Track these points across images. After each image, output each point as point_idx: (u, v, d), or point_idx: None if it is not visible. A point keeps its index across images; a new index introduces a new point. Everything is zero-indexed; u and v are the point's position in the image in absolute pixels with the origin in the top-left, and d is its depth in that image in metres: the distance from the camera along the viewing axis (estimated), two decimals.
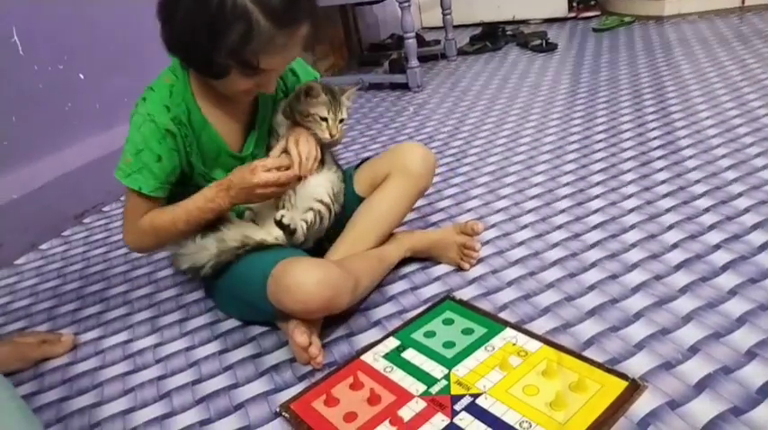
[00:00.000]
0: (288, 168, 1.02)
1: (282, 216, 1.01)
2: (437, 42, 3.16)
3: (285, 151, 1.06)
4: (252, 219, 1.11)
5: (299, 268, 0.94)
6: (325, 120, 1.08)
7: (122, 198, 1.87)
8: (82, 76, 1.79)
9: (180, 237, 1.05)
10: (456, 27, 3.16)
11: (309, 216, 1.07)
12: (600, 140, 1.73)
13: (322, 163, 1.13)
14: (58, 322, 1.25)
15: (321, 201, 1.09)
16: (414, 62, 2.52)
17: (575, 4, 3.41)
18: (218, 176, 1.06)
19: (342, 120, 1.10)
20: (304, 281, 0.92)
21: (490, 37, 3.10)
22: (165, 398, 0.98)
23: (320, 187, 1.11)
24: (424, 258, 1.23)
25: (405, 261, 1.21)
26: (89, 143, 1.80)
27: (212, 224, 1.05)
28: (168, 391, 0.99)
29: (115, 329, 1.19)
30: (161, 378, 1.02)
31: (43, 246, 1.64)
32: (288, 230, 1.02)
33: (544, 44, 2.88)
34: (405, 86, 2.61)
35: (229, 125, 1.07)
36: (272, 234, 1.05)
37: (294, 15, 0.89)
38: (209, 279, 1.09)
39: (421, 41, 3.00)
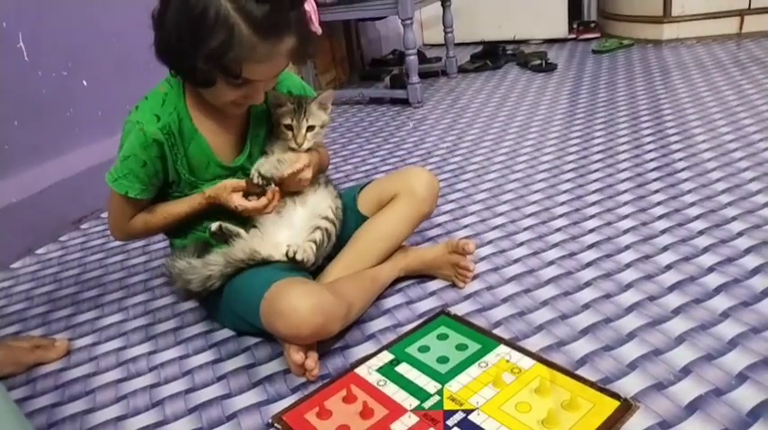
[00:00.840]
0: (262, 194, 1.04)
1: (295, 252, 1.02)
2: (438, 59, 3.19)
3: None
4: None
5: (293, 294, 0.94)
6: (289, 128, 1.08)
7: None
8: (85, 83, 1.80)
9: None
10: (457, 45, 3.19)
11: (317, 236, 1.08)
12: (597, 161, 1.74)
13: (316, 180, 1.14)
14: (53, 327, 1.25)
15: (326, 218, 1.10)
16: (414, 78, 2.55)
17: (575, 26, 3.45)
18: (206, 186, 1.07)
19: (311, 128, 1.08)
20: (297, 307, 0.93)
21: (491, 55, 3.13)
22: (157, 406, 0.97)
23: (322, 203, 1.12)
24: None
25: (400, 277, 1.22)
26: (90, 149, 1.80)
27: (223, 240, 1.07)
28: (161, 400, 0.99)
29: (109, 336, 1.19)
30: (154, 386, 1.02)
31: (40, 251, 1.64)
32: (299, 262, 1.03)
33: (544, 64, 2.91)
34: (405, 102, 2.63)
35: (221, 136, 1.08)
36: (278, 250, 1.05)
37: (277, 26, 0.91)
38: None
39: (422, 58, 3.03)
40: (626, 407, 0.83)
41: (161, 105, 1.01)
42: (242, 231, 1.08)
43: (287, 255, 1.03)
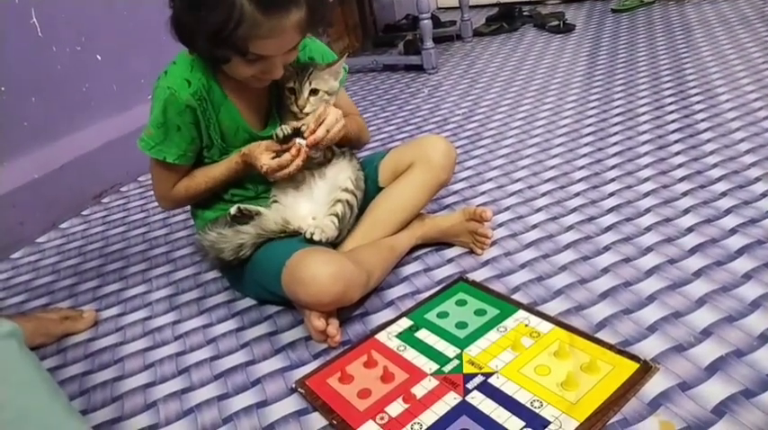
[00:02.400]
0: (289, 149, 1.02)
1: (312, 233, 1.03)
2: (452, 23, 3.13)
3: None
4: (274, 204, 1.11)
5: (314, 262, 0.95)
6: (292, 91, 1.06)
7: (140, 179, 1.90)
8: (99, 58, 1.81)
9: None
10: (472, 8, 3.12)
11: (339, 209, 1.08)
12: (616, 123, 1.71)
13: (332, 152, 1.13)
14: (80, 299, 1.29)
15: (346, 190, 1.10)
16: (429, 43, 2.51)
17: None
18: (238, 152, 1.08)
19: (314, 92, 1.05)
20: (318, 274, 0.94)
21: (506, 18, 3.06)
22: (183, 373, 1.00)
23: (342, 174, 1.12)
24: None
25: (417, 245, 1.22)
26: (107, 124, 1.82)
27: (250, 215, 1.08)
28: (187, 367, 1.01)
29: (135, 306, 1.22)
30: (180, 354, 1.05)
31: (64, 225, 1.67)
32: (318, 242, 1.03)
33: (561, 25, 2.84)
34: (419, 68, 2.59)
35: (250, 104, 1.08)
36: (305, 223, 1.07)
37: (282, 1, 0.89)
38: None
39: (436, 22, 2.97)
40: (645, 369, 0.83)
41: (190, 70, 1.01)
42: (262, 209, 1.08)
43: (304, 236, 1.03)
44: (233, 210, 1.07)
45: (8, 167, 1.55)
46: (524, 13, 3.12)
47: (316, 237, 1.03)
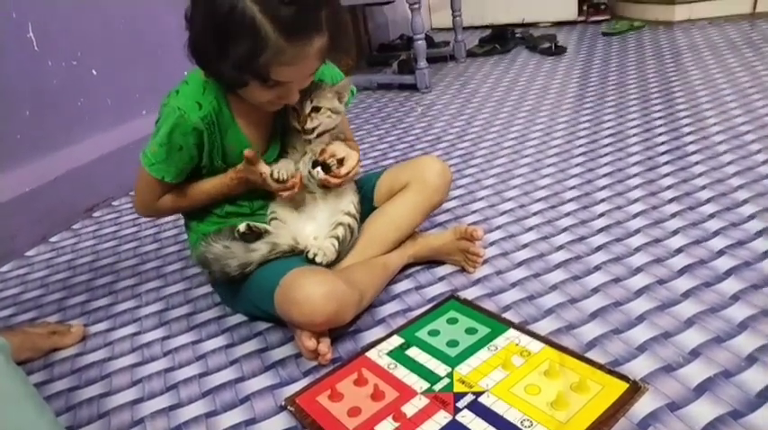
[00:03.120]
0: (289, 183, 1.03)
1: (315, 255, 1.03)
2: (446, 44, 3.17)
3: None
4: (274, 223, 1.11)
5: (307, 282, 0.95)
6: (294, 109, 1.05)
7: (132, 193, 1.90)
8: (95, 72, 1.81)
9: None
10: (465, 29, 3.17)
11: (340, 232, 1.08)
12: (607, 145, 1.73)
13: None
14: (68, 313, 1.27)
15: (348, 213, 1.11)
16: (422, 63, 2.54)
17: (585, 8, 3.41)
18: None
19: (316, 109, 1.05)
20: (311, 294, 0.93)
21: (499, 39, 3.11)
22: (172, 389, 0.99)
23: (344, 198, 1.12)
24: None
25: (408, 263, 1.22)
26: (100, 138, 1.82)
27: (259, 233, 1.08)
28: (175, 383, 1.01)
29: (124, 322, 1.21)
30: (168, 370, 1.04)
31: (54, 239, 1.66)
32: (318, 264, 1.03)
33: (553, 47, 2.88)
34: (413, 87, 2.62)
35: (257, 127, 1.07)
36: (310, 242, 1.07)
37: (306, 28, 0.89)
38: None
39: (430, 42, 3.01)
40: (635, 389, 0.83)
41: (202, 92, 1.00)
42: (269, 227, 1.08)
43: (306, 256, 1.03)
44: (242, 227, 1.06)
45: (0, 180, 1.54)
46: (517, 35, 3.17)
47: (318, 259, 1.03)
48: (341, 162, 1.07)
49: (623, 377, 0.86)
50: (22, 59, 1.60)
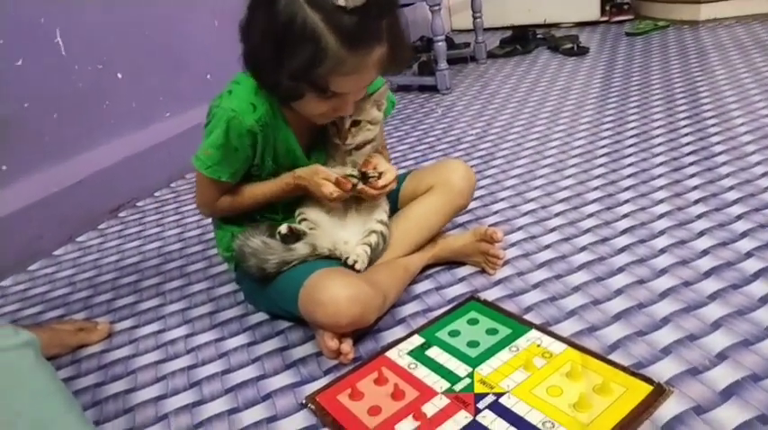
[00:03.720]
0: (352, 186, 1.02)
1: (355, 261, 1.03)
2: (467, 45, 3.16)
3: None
4: (311, 228, 1.09)
5: (332, 284, 0.95)
6: (334, 123, 1.05)
7: (156, 194, 1.93)
8: (120, 76, 1.85)
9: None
10: (486, 30, 3.15)
11: (373, 239, 1.08)
12: (631, 145, 1.71)
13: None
14: (95, 311, 1.30)
15: (381, 222, 1.11)
16: (443, 65, 2.53)
17: (607, 8, 3.37)
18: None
19: (356, 123, 1.05)
20: (336, 296, 0.94)
21: (520, 40, 3.09)
22: (195, 386, 1.01)
23: (378, 206, 1.12)
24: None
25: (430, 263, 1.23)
26: (125, 140, 1.85)
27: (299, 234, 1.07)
28: (199, 380, 1.02)
29: (148, 319, 1.23)
30: (192, 367, 1.06)
31: (80, 239, 1.70)
32: (356, 270, 1.03)
33: (575, 48, 2.86)
34: (433, 88, 2.62)
35: (305, 131, 1.07)
36: (346, 248, 1.06)
37: (368, 38, 0.87)
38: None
39: (450, 44, 3.01)
40: (659, 392, 0.82)
41: (255, 93, 0.98)
42: (308, 230, 1.08)
43: (345, 262, 1.03)
44: (283, 229, 1.05)
45: (28, 181, 1.58)
46: (538, 36, 3.15)
47: (358, 267, 1.03)
48: (379, 176, 1.05)
49: (647, 379, 0.84)
50: (49, 64, 1.63)
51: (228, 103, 0.98)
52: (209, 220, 1.23)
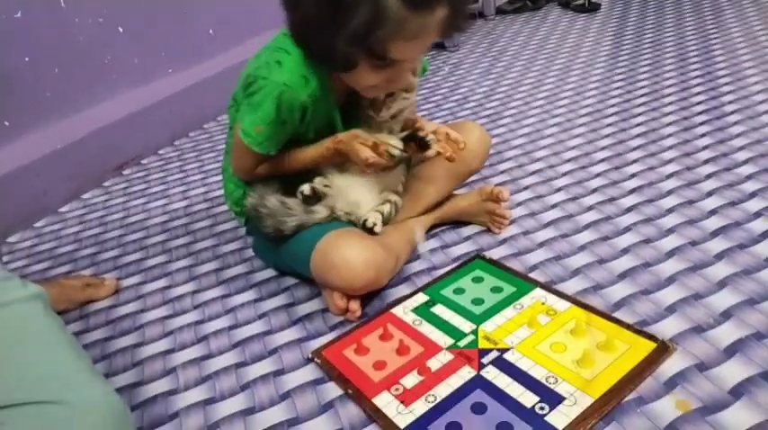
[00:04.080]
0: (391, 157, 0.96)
1: (374, 224, 1.00)
2: (475, 1, 3.07)
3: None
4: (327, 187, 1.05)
5: (347, 246, 0.95)
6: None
7: (160, 151, 1.91)
8: (121, 30, 1.81)
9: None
10: None
11: (386, 208, 1.05)
12: (641, 104, 1.68)
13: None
14: (101, 267, 1.31)
15: (397, 192, 1.09)
16: None
17: None
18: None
19: (390, 95, 1.00)
20: (350, 261, 0.93)
21: None
22: (202, 341, 1.02)
23: (396, 178, 1.10)
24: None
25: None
26: (128, 96, 1.83)
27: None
28: (206, 335, 1.03)
29: (155, 276, 1.24)
30: (198, 322, 1.07)
31: (85, 196, 1.70)
32: (370, 231, 1.01)
33: (587, 4, 2.78)
34: (440, 46, 2.56)
35: (347, 105, 1.03)
36: (364, 211, 1.04)
37: None
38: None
39: None
40: (663, 349, 0.82)
41: (306, 65, 0.91)
42: (328, 191, 1.04)
43: (364, 224, 1.00)
44: (306, 189, 0.98)
45: (32, 137, 1.57)
46: None
47: (377, 230, 1.00)
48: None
49: (651, 337, 0.85)
50: (49, 17, 1.60)
51: (280, 77, 0.91)
52: (214, 179, 1.22)
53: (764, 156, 1.29)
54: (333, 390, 0.86)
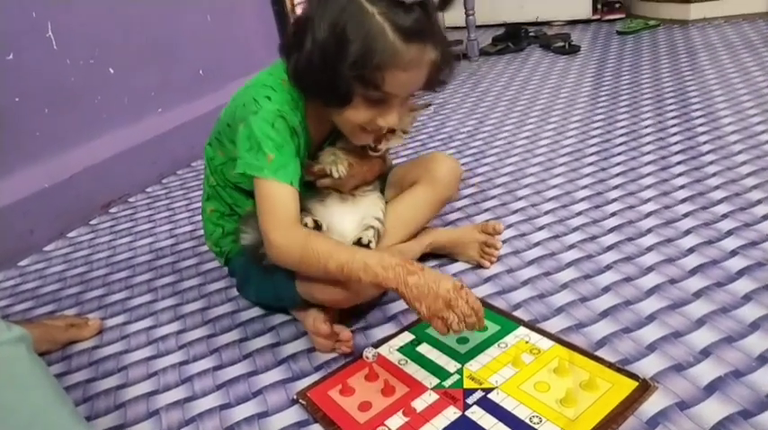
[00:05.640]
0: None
1: (370, 241, 1.02)
2: (459, 42, 3.16)
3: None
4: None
5: None
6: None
7: (148, 190, 1.92)
8: (112, 71, 1.84)
9: (315, 276, 0.95)
10: (479, 27, 3.16)
11: (370, 234, 1.07)
12: (620, 144, 1.73)
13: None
14: (85, 307, 1.30)
15: (378, 219, 1.11)
16: None
17: (599, 6, 3.39)
18: None
19: (392, 130, 1.05)
20: None
21: (513, 38, 3.10)
22: (186, 382, 1.01)
23: (375, 206, 1.13)
24: (443, 255, 1.25)
25: (423, 257, 1.23)
26: (117, 135, 1.85)
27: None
28: (190, 376, 1.02)
29: (139, 315, 1.23)
30: (183, 363, 1.06)
31: (71, 234, 1.69)
32: (366, 247, 1.02)
33: (567, 46, 2.87)
34: None
35: (317, 143, 1.08)
36: (362, 234, 1.05)
37: (423, 34, 0.89)
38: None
39: None
40: (644, 388, 0.84)
41: (291, 99, 0.97)
42: (324, 225, 1.05)
43: (359, 242, 1.01)
44: (309, 222, 0.98)
45: (19, 176, 1.58)
46: (530, 34, 3.16)
47: (372, 246, 1.02)
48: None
49: (633, 375, 0.86)
50: (41, 58, 1.63)
51: (272, 106, 0.95)
52: (200, 217, 1.23)
53: (739, 195, 1.34)
54: None
